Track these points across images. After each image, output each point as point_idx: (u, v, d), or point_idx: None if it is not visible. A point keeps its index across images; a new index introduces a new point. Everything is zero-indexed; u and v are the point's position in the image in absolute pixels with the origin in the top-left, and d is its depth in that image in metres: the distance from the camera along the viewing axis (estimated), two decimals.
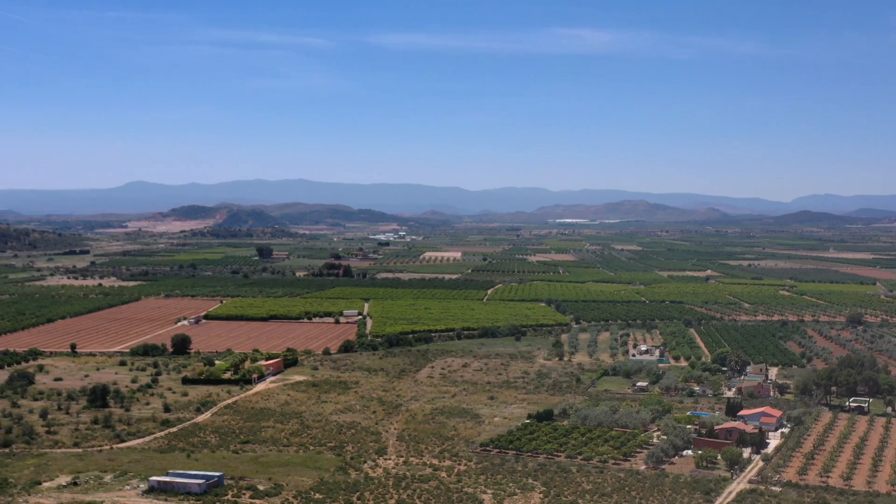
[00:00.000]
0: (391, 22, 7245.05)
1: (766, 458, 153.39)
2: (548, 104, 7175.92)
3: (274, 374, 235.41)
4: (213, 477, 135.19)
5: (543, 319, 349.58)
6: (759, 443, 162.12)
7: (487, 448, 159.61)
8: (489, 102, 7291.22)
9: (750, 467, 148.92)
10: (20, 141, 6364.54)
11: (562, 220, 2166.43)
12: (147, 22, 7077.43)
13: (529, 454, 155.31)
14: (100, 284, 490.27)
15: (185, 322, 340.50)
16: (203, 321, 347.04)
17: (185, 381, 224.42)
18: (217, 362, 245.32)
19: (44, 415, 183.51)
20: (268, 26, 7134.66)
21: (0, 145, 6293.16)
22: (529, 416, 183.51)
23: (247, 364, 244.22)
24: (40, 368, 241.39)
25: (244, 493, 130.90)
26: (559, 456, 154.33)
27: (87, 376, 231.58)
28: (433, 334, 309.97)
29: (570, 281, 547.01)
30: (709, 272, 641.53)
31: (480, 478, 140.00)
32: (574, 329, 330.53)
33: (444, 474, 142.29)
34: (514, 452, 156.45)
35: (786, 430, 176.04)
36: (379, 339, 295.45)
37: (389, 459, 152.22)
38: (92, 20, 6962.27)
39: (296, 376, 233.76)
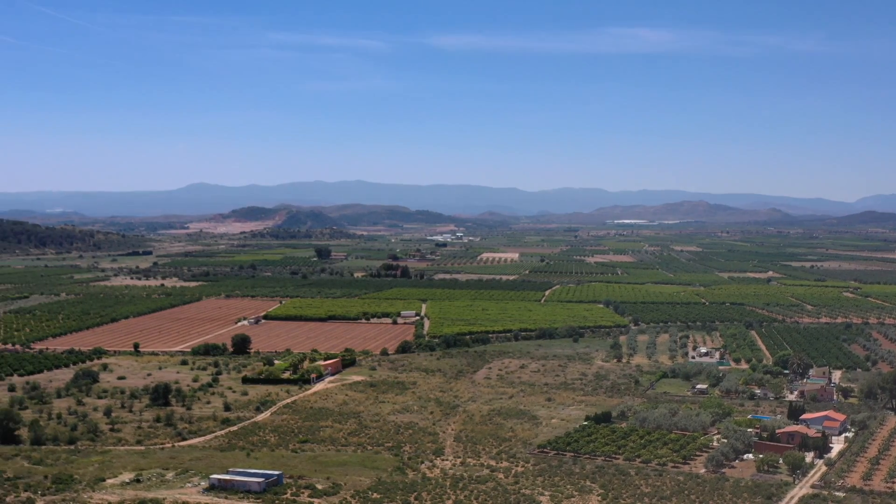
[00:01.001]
0: (447, 23, 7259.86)
1: (830, 463, 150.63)
2: (606, 104, 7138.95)
3: (332, 374, 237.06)
4: (272, 476, 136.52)
5: (601, 321, 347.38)
6: (822, 447, 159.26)
7: (545, 449, 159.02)
8: (546, 103, 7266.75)
9: (812, 472, 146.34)
10: (85, 144, 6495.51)
11: (620, 221, 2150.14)
12: (208, 26, 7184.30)
13: (587, 456, 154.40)
14: (162, 285, 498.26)
15: (245, 322, 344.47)
16: (262, 321, 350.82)
17: (245, 380, 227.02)
18: (276, 362, 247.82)
19: (108, 413, 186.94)
20: (326, 29, 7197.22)
21: (66, 148, 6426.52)
22: (587, 418, 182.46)
23: (305, 364, 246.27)
24: (104, 367, 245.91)
25: (303, 492, 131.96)
26: (617, 458, 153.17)
27: (149, 375, 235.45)
28: (490, 335, 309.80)
29: (629, 282, 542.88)
30: (770, 273, 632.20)
31: (538, 479, 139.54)
32: (633, 331, 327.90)
33: (501, 475, 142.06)
34: (572, 454, 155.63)
35: (850, 435, 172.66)
36: (436, 340, 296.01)
37: (447, 460, 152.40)
38: (155, 25, 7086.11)
39: (354, 376, 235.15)
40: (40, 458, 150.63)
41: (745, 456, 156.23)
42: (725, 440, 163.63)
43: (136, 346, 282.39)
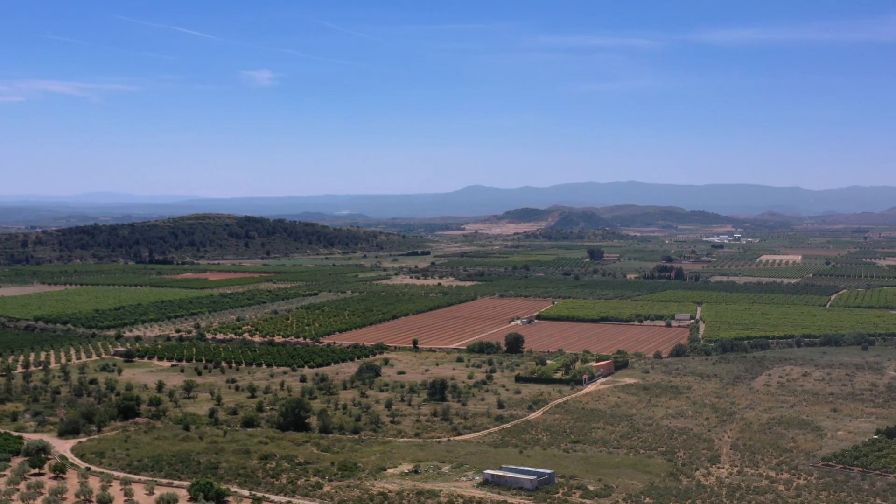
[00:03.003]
0: (719, 18, 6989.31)
1: None
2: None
3: (604, 376, 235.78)
4: (544, 474, 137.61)
5: (895, 328, 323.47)
6: None
7: (830, 463, 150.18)
8: (827, 96, 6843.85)
9: None
10: (368, 150, 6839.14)
11: None
12: (480, 32, 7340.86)
13: (878, 472, 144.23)
14: (439, 284, 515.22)
15: (518, 321, 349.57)
16: (535, 321, 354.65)
17: (518, 378, 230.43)
18: (549, 362, 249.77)
19: (388, 405, 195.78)
20: (594, 30, 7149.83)
21: (351, 154, 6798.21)
22: (878, 432, 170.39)
23: (577, 364, 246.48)
24: (386, 362, 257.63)
25: (574, 492, 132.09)
26: None
27: (427, 371, 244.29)
28: (770, 340, 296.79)
29: None
30: None
31: (822, 494, 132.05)
32: None
33: (781, 487, 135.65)
34: (860, 469, 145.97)
35: None
36: (712, 344, 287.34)
37: (722, 468, 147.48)
38: (428, 34, 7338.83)
39: (626, 378, 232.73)
40: (327, 446, 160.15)
41: None
42: None
43: (414, 342, 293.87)
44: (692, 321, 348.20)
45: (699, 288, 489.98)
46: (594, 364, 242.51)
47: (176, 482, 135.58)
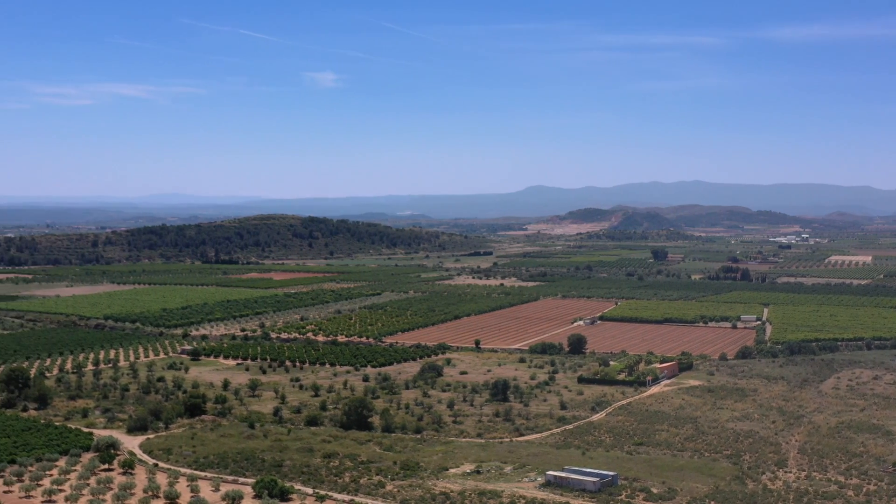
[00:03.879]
0: (786, 15, 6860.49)
1: None
2: None
3: (668, 378, 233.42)
4: (607, 476, 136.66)
5: None
6: None
7: None
8: None
9: None
10: (430, 150, 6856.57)
11: None
12: (538, 32, 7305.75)
13: None
14: (501, 284, 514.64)
15: (581, 322, 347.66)
16: (598, 322, 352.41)
17: (581, 380, 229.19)
18: (612, 363, 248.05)
19: (450, 405, 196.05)
20: (657, 28, 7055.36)
21: (413, 155, 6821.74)
22: None
23: (641, 366, 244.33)
24: (448, 362, 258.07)
25: (638, 495, 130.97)
26: None
27: (489, 371, 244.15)
28: (839, 343, 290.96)
29: None
30: None
31: (893, 500, 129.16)
32: None
33: (850, 493, 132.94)
34: None
35: None
36: (779, 346, 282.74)
37: (790, 472, 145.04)
38: (488, 34, 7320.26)
39: (691, 380, 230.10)
40: (390, 445, 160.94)
41: None
42: None
43: (476, 342, 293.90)
44: (758, 323, 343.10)
45: (766, 289, 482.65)
46: (658, 366, 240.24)
47: (241, 479, 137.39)
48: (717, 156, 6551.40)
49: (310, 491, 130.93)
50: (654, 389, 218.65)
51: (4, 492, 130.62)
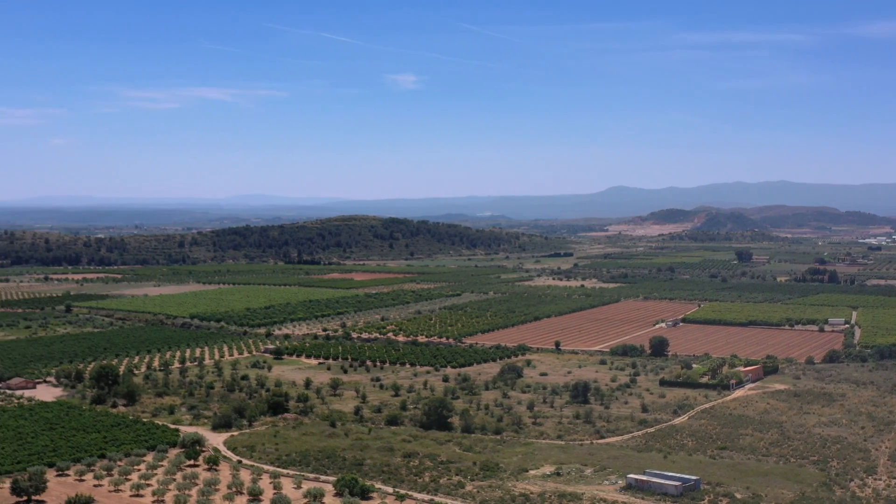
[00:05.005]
0: (874, 10, 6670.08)
1: None
2: None
3: (752, 381, 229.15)
4: (689, 480, 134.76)
5: None
6: None
7: None
8: None
9: None
10: (511, 151, 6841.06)
11: None
12: (619, 31, 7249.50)
13: None
14: (582, 285, 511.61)
15: (663, 324, 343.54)
16: (680, 324, 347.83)
17: (662, 382, 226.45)
18: (694, 366, 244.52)
19: (530, 406, 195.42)
20: (742, 25, 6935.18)
21: (494, 155, 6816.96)
22: None
23: (724, 369, 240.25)
24: (528, 363, 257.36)
25: (721, 500, 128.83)
26: None
27: (569, 373, 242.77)
28: None
29: None
30: None
31: None
32: None
33: None
34: None
35: None
36: (868, 350, 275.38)
37: (879, 480, 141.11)
38: (569, 34, 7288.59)
39: (776, 384, 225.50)
40: (469, 445, 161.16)
41: None
42: None
43: (556, 344, 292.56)
44: (847, 326, 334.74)
45: (854, 292, 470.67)
46: (742, 369, 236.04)
47: (322, 477, 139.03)
48: (804, 155, 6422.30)
49: (390, 490, 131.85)
50: (738, 393, 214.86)
51: (95, 485, 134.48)
